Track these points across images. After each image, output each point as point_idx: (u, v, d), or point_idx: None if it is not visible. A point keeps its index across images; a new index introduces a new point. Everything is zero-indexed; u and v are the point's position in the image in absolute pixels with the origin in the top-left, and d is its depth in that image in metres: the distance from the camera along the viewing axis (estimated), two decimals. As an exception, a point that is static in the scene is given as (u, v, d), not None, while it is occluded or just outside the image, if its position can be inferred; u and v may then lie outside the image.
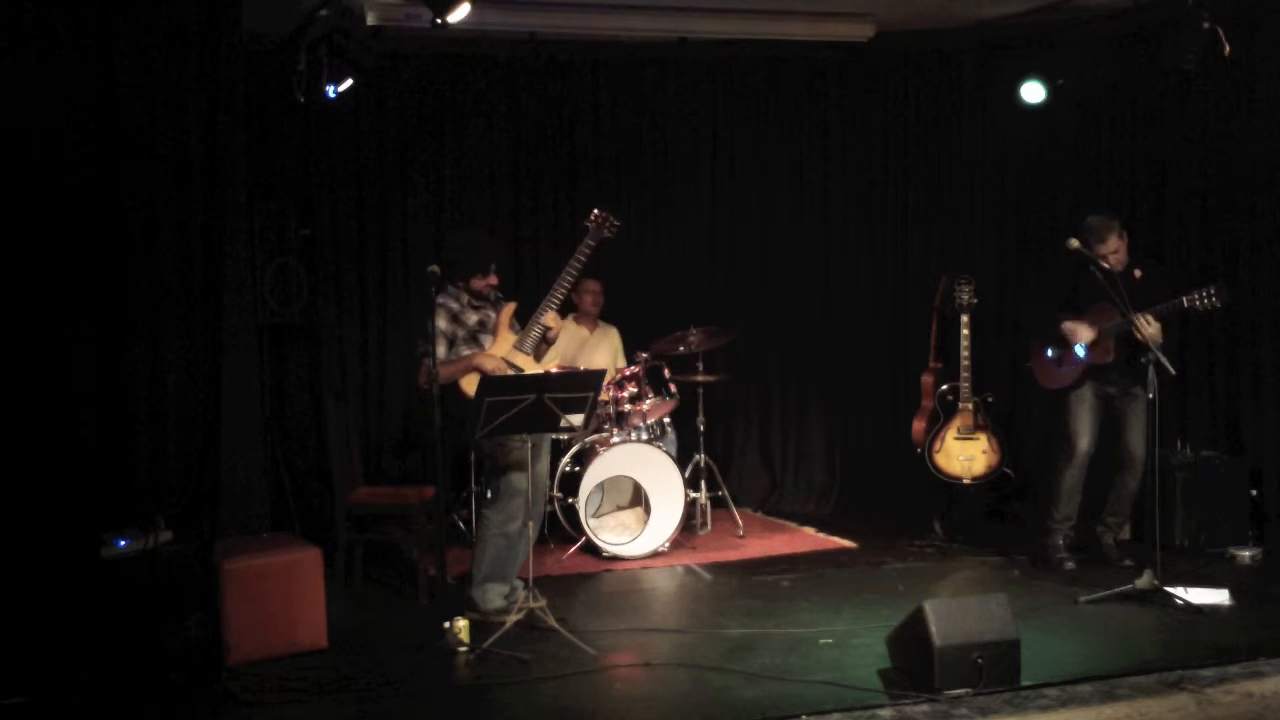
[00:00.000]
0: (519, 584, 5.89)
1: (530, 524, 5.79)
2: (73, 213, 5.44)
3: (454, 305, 5.81)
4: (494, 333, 5.87)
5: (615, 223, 6.07)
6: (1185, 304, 6.02)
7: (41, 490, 5.15)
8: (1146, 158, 7.57)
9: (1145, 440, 6.41)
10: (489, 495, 5.84)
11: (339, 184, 7.84)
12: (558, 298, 5.91)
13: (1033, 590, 6.19)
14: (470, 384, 5.61)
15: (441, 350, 5.65)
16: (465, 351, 5.76)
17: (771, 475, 8.78)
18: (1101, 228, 6.31)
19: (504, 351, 5.79)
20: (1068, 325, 6.47)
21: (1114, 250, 6.29)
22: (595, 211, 6.09)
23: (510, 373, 5.67)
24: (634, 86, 8.41)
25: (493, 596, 5.76)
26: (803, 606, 6.01)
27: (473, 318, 5.84)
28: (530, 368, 5.78)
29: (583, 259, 5.98)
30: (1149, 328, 6.01)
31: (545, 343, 5.96)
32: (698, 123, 8.55)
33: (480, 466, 5.72)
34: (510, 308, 5.93)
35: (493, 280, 5.88)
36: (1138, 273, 6.38)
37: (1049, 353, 6.63)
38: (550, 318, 5.85)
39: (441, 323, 5.71)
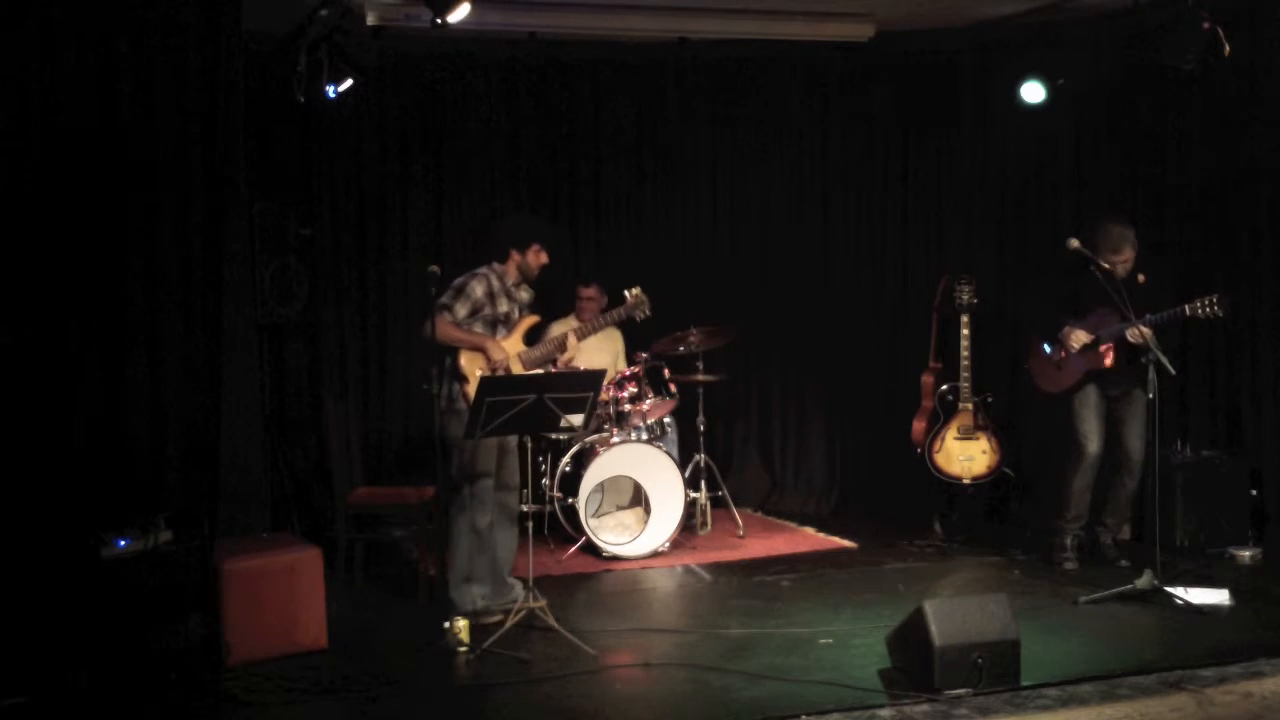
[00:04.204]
0: (516, 583, 5.90)
1: (507, 521, 5.81)
2: (73, 212, 5.43)
3: (495, 283, 5.84)
4: (511, 330, 5.88)
5: (648, 311, 6.23)
6: (1187, 312, 6.04)
7: (41, 490, 5.15)
8: (1146, 158, 7.57)
9: (1143, 441, 6.44)
10: (456, 494, 5.79)
11: (339, 184, 7.84)
12: (577, 336, 6.10)
13: (1033, 590, 6.20)
14: (468, 359, 5.64)
15: (462, 311, 5.68)
16: (479, 329, 5.78)
17: (771, 475, 8.78)
18: (1119, 239, 6.29)
19: (512, 351, 5.80)
20: (1065, 330, 6.49)
21: (1125, 260, 6.31)
22: (637, 291, 6.23)
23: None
24: (634, 86, 8.40)
25: (472, 597, 5.74)
26: (803, 606, 6.01)
27: (504, 305, 5.85)
28: None
29: (608, 321, 6.27)
30: (1139, 338, 6.03)
31: (551, 363, 6.04)
32: (697, 122, 8.55)
33: (449, 463, 5.71)
34: (531, 319, 5.98)
35: (544, 258, 5.95)
36: (1141, 277, 6.38)
37: (1046, 348, 6.64)
38: (571, 342, 6.02)
39: (479, 290, 5.75)
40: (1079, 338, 6.46)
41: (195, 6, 5.78)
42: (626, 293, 6.26)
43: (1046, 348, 6.64)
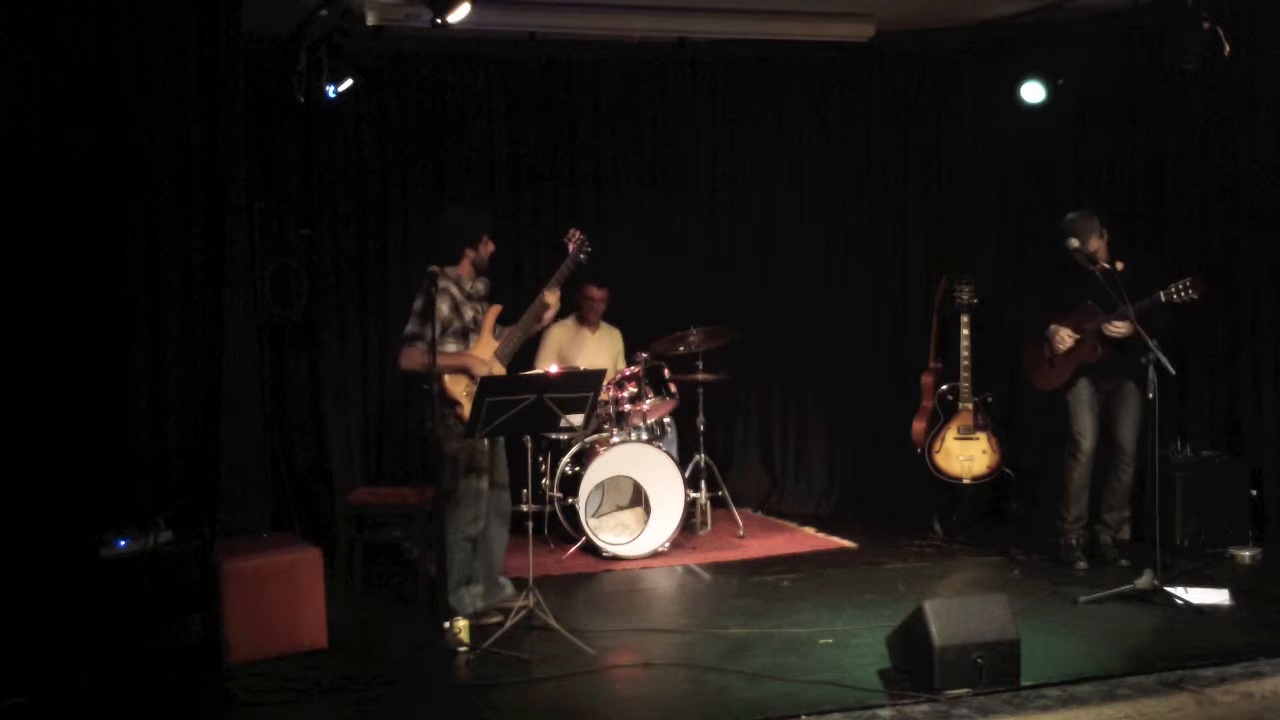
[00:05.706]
0: (507, 582, 5.90)
1: (500, 519, 5.82)
2: (73, 212, 5.43)
3: (455, 293, 5.80)
4: (479, 333, 5.88)
5: (588, 249, 6.08)
6: (1164, 298, 6.07)
7: (41, 490, 5.14)
8: (1146, 157, 7.57)
9: (1135, 432, 6.48)
10: (450, 500, 5.78)
11: (339, 184, 7.83)
12: (552, 288, 5.95)
13: (1033, 590, 6.20)
14: (454, 383, 5.63)
15: (431, 335, 5.65)
16: (451, 347, 5.76)
17: (771, 475, 8.78)
18: (1086, 228, 6.35)
19: (487, 355, 5.81)
20: (1051, 330, 6.51)
21: (1095, 249, 6.35)
22: (573, 232, 6.09)
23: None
24: (634, 86, 8.41)
25: (470, 600, 5.75)
26: (803, 606, 6.02)
27: (469, 312, 5.85)
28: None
29: (562, 279, 6.01)
30: (1118, 329, 6.12)
31: (539, 322, 5.99)
32: (698, 123, 8.56)
33: (440, 470, 5.65)
34: (495, 310, 5.95)
35: (492, 246, 5.91)
36: (1119, 264, 6.41)
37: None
38: (550, 296, 5.88)
39: (443, 307, 5.71)
40: (1064, 337, 6.49)
41: (195, 7, 5.77)
42: (565, 240, 6.09)
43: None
